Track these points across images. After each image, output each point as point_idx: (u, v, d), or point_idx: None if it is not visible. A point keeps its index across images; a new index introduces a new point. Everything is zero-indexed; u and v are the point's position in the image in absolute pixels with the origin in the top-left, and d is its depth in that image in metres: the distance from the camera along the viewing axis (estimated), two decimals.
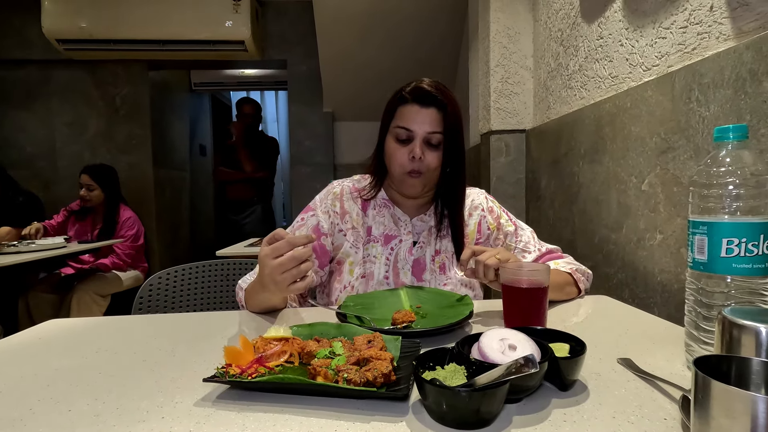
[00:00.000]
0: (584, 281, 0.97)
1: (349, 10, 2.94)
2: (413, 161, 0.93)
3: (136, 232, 2.77)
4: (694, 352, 0.57)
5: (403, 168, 0.94)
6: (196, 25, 3.24)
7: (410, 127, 0.93)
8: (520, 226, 1.08)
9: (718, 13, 0.89)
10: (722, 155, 0.54)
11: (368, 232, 1.01)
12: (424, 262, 1.00)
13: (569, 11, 1.56)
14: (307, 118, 3.79)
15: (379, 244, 1.00)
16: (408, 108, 0.94)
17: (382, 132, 1.00)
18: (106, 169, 2.78)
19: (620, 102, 1.23)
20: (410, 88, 0.95)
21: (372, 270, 0.98)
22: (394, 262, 0.99)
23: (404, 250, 1.00)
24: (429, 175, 0.95)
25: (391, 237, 1.01)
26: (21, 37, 3.49)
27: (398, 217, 1.02)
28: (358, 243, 1.00)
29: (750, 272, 0.52)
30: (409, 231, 1.01)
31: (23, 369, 0.62)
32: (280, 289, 0.74)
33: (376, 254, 0.99)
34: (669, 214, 1.02)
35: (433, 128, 0.93)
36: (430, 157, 0.93)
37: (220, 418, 0.47)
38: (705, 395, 0.34)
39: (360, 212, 1.01)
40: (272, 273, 0.72)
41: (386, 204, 1.03)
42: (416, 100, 0.93)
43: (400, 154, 0.94)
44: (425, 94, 0.93)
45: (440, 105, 0.93)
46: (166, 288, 1.22)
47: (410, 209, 1.04)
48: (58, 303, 2.58)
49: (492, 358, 0.50)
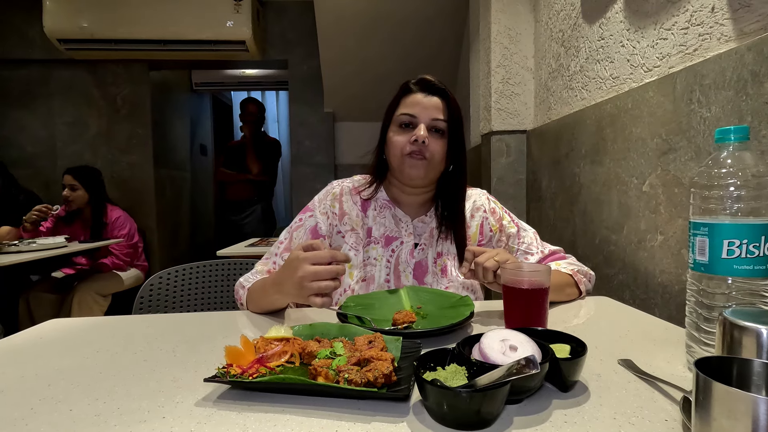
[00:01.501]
0: (586, 282, 0.97)
1: (350, 10, 2.94)
2: (415, 144, 0.92)
3: (128, 231, 2.75)
4: (694, 354, 0.57)
5: (404, 150, 0.94)
6: (197, 25, 3.24)
7: (414, 113, 0.94)
8: (522, 227, 1.07)
9: (720, 14, 0.89)
10: (723, 156, 0.54)
11: (368, 233, 1.00)
12: (426, 264, 1.00)
13: (570, 12, 1.56)
14: (307, 118, 3.79)
15: (380, 245, 0.99)
16: (413, 96, 0.96)
17: (385, 128, 1.00)
18: (90, 169, 2.75)
19: (621, 103, 1.23)
20: (415, 80, 0.98)
21: (372, 273, 0.97)
22: (395, 265, 0.98)
23: (405, 253, 0.99)
24: (434, 163, 0.95)
25: (392, 238, 1.00)
26: (22, 36, 3.50)
27: (399, 218, 1.01)
28: (358, 245, 0.99)
29: (751, 273, 0.52)
30: (410, 232, 1.00)
31: (24, 369, 0.63)
32: (300, 295, 0.73)
33: (376, 256, 0.98)
34: (670, 215, 1.02)
35: (437, 115, 0.94)
36: (434, 145, 0.94)
37: (220, 418, 0.47)
38: (706, 396, 0.34)
39: (360, 213, 1.01)
40: (304, 278, 0.71)
41: (387, 204, 1.02)
42: (421, 89, 0.96)
43: (401, 138, 0.95)
44: (430, 84, 0.96)
45: (444, 95, 0.96)
46: (166, 288, 1.22)
47: (411, 209, 1.03)
48: (58, 303, 2.58)
49: (493, 358, 0.50)
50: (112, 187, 3.64)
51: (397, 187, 1.02)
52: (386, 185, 1.04)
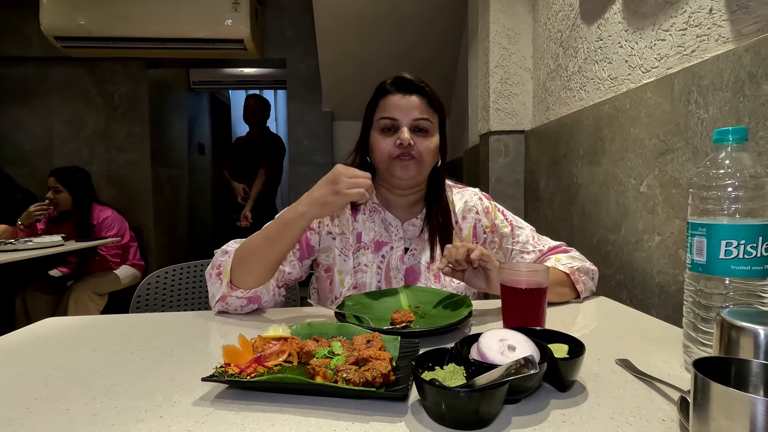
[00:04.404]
0: (586, 281, 0.94)
1: (349, 9, 2.94)
2: (400, 147, 0.91)
3: (117, 231, 2.72)
4: (692, 354, 0.57)
5: (391, 155, 0.92)
6: (196, 24, 3.23)
7: (394, 116, 0.92)
8: (517, 225, 1.04)
9: (717, 15, 0.89)
10: (721, 157, 0.54)
11: (358, 238, 0.98)
12: (418, 270, 0.97)
13: (569, 13, 1.56)
14: (306, 117, 3.79)
15: (370, 251, 0.96)
16: (390, 98, 0.93)
17: (364, 130, 0.98)
18: (74, 170, 2.71)
19: (619, 103, 1.23)
20: (391, 80, 0.95)
21: (364, 280, 0.95)
22: (386, 271, 0.96)
23: (395, 258, 0.97)
24: (423, 161, 0.93)
25: (381, 243, 0.98)
26: (19, 34, 3.48)
27: (389, 222, 0.99)
28: (347, 251, 0.97)
29: (748, 274, 0.52)
30: (400, 237, 0.98)
31: (20, 368, 0.62)
32: (336, 191, 0.80)
33: (367, 263, 0.96)
34: (667, 216, 1.02)
35: (418, 114, 0.92)
36: (420, 144, 0.92)
37: (218, 418, 0.47)
38: (704, 397, 0.34)
39: (350, 217, 0.99)
40: (343, 173, 0.81)
41: (377, 208, 1.00)
42: (399, 90, 0.93)
43: (384, 143, 0.93)
44: (407, 82, 0.93)
45: (423, 93, 0.93)
46: (164, 287, 1.21)
47: (401, 212, 1.01)
48: (55, 302, 2.57)
49: (491, 358, 0.50)
50: (109, 186, 3.63)
51: (386, 188, 1.00)
52: (375, 187, 1.01)
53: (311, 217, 0.83)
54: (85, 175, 2.75)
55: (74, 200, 2.66)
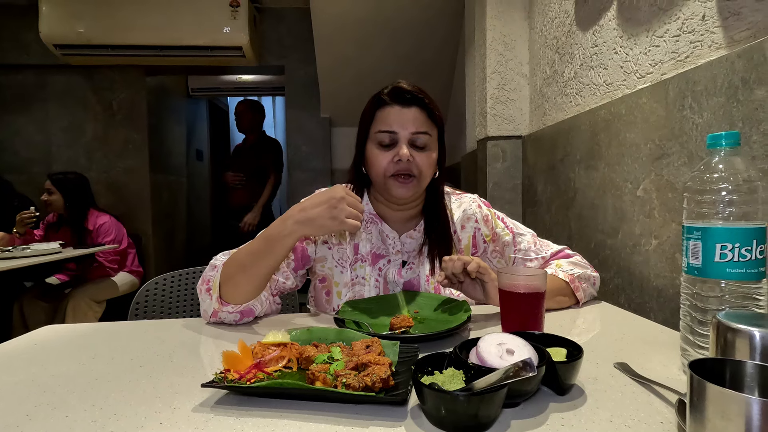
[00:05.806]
0: (586, 288, 0.92)
1: (347, 16, 2.96)
2: (399, 164, 0.87)
3: (114, 238, 2.71)
4: (689, 356, 0.57)
5: (387, 172, 0.89)
6: (194, 31, 3.25)
7: (392, 129, 0.88)
8: (518, 232, 1.02)
9: (710, 22, 0.90)
10: (715, 162, 0.55)
11: (355, 250, 0.95)
12: (417, 283, 0.95)
13: (564, 19, 1.58)
14: (304, 123, 3.80)
15: (367, 264, 0.94)
16: (388, 110, 0.89)
17: (360, 142, 0.94)
18: (70, 175, 2.71)
19: (615, 109, 1.24)
20: (388, 90, 0.90)
21: (362, 293, 0.93)
22: (384, 284, 0.95)
23: (393, 272, 0.95)
24: (421, 179, 0.90)
25: (379, 256, 0.95)
26: (18, 41, 3.49)
27: (386, 234, 0.96)
28: (344, 263, 0.94)
29: (743, 277, 0.52)
30: (398, 250, 0.96)
31: (19, 375, 0.62)
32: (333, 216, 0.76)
33: (364, 275, 0.93)
34: (664, 220, 1.03)
35: (417, 128, 0.88)
36: (419, 159, 0.88)
37: (218, 424, 0.47)
38: (700, 398, 0.35)
39: None
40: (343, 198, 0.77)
41: (373, 219, 0.97)
42: (397, 101, 0.89)
43: (382, 158, 0.89)
44: (406, 93, 0.88)
45: (422, 104, 0.89)
46: (162, 293, 1.21)
47: (398, 224, 0.98)
48: (52, 309, 2.55)
49: (490, 362, 0.50)
50: (107, 192, 3.63)
51: (382, 203, 0.98)
52: (371, 199, 0.99)
53: (301, 235, 0.81)
54: (80, 179, 2.74)
55: (66, 203, 2.65)
